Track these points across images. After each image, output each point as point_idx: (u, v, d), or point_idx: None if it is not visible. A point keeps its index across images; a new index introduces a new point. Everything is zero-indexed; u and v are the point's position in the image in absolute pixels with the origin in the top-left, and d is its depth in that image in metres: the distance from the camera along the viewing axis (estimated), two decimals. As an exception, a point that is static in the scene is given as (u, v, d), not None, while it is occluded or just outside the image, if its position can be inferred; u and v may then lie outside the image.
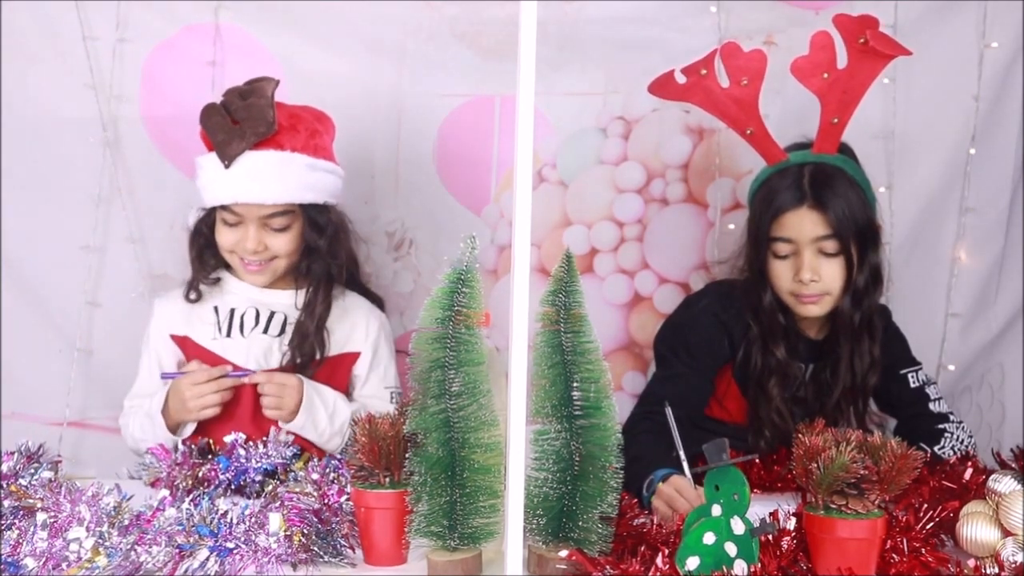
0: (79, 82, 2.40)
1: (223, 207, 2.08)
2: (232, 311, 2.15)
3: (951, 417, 2.08)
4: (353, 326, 2.18)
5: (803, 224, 1.96)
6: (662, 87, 2.02)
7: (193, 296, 2.15)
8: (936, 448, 1.99)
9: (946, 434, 2.03)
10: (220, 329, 2.14)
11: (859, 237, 1.97)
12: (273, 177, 2.04)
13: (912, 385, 2.10)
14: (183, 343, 2.15)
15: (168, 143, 2.42)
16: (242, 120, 2.04)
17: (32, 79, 2.42)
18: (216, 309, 2.15)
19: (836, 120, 1.98)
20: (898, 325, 2.17)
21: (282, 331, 2.14)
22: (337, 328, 2.16)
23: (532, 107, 1.28)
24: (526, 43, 1.26)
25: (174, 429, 2.05)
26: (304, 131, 2.09)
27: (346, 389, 2.18)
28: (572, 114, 2.46)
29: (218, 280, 2.18)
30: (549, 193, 2.48)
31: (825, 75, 1.96)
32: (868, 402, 2.10)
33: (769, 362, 2.04)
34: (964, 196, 2.45)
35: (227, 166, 2.03)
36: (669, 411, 1.69)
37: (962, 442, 2.02)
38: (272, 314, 2.15)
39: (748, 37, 2.39)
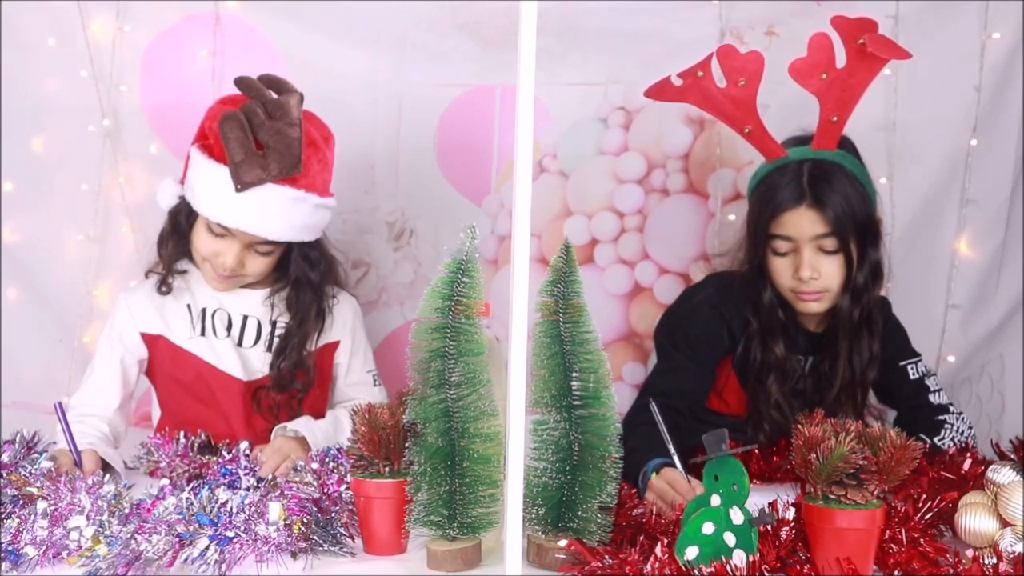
0: (79, 71, 2.41)
1: None
2: (204, 310, 2.11)
3: (951, 408, 2.08)
4: (330, 315, 2.16)
5: (802, 223, 1.95)
6: (659, 91, 2.00)
7: (165, 289, 2.08)
8: (936, 439, 1.99)
9: (946, 425, 2.03)
10: (195, 327, 2.09)
11: (858, 234, 1.96)
12: (282, 214, 1.97)
13: (912, 377, 2.10)
14: (155, 342, 2.09)
15: (168, 132, 2.42)
16: (267, 146, 1.90)
17: (32, 68, 2.42)
18: (189, 307, 2.10)
19: (835, 118, 1.96)
20: (898, 316, 2.17)
21: (257, 338, 2.11)
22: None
23: (533, 97, 1.28)
24: (527, 33, 1.26)
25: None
26: (317, 163, 1.99)
27: (330, 379, 2.18)
28: (573, 104, 2.46)
29: (184, 272, 2.11)
30: (550, 183, 2.48)
31: (823, 76, 1.94)
32: (867, 396, 2.09)
33: (768, 358, 2.03)
34: (965, 187, 2.44)
35: (239, 191, 1.92)
36: (654, 407, 1.69)
37: (962, 433, 2.02)
38: (245, 319, 2.11)
39: (750, 28, 2.39)
